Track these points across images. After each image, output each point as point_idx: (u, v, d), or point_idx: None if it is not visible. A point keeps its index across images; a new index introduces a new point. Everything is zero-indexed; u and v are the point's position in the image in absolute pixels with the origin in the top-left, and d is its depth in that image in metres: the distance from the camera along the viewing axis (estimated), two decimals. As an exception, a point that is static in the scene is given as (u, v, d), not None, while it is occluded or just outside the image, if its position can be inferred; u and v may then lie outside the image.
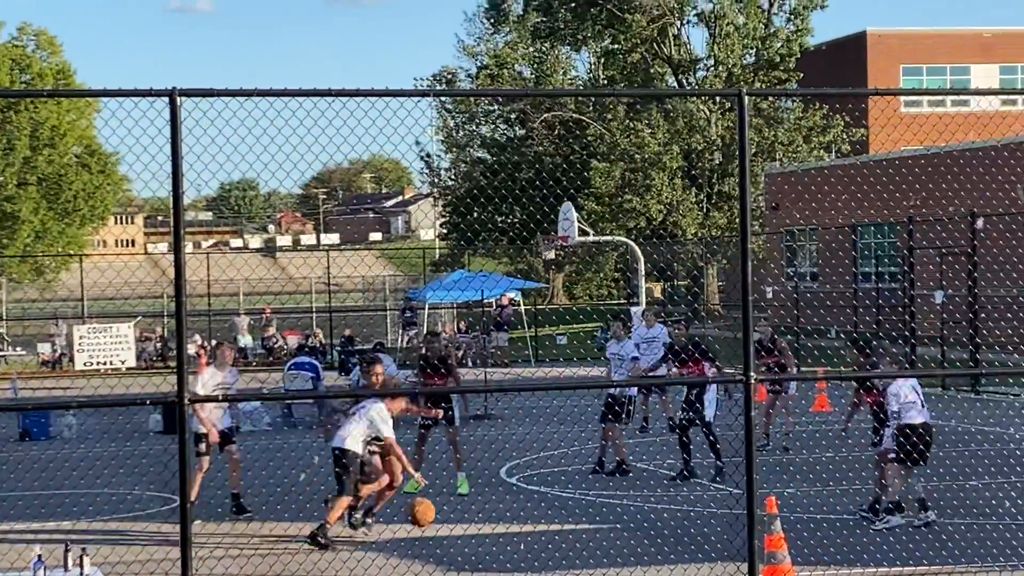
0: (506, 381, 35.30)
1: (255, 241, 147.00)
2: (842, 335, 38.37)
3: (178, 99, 8.90)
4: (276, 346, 46.49)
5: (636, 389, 21.61)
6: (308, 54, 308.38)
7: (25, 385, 35.50)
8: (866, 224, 45.26)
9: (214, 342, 43.55)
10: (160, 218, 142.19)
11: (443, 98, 77.43)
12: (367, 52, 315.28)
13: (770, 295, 45.97)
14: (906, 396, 15.30)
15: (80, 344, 42.88)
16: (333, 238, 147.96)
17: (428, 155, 79.53)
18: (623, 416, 20.10)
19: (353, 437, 15.08)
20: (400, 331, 49.30)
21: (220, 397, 11.66)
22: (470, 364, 42.67)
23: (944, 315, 33.78)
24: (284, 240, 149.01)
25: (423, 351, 20.25)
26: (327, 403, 21.19)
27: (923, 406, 15.46)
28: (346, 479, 14.99)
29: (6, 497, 18.46)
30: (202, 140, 9.40)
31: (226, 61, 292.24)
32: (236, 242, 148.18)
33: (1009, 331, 31.70)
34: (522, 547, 14.56)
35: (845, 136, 61.08)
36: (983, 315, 31.87)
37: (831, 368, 31.62)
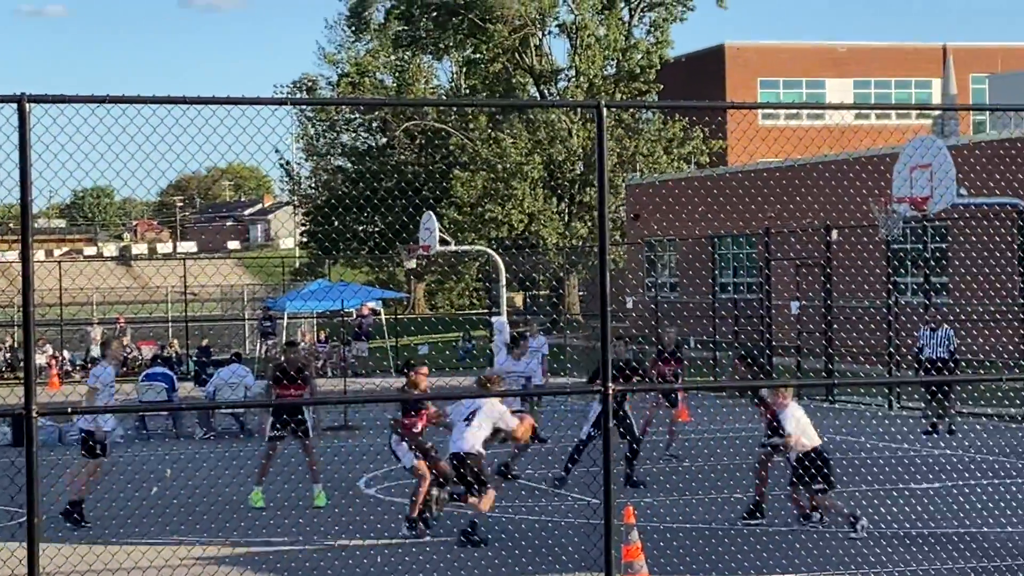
0: (365, 391, 35.07)
1: (109, 249, 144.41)
2: (699, 345, 38.83)
3: (27, 105, 8.70)
4: (130, 356, 45.73)
5: (522, 402, 21.50)
6: (165, 60, 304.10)
7: None
8: (724, 235, 45.90)
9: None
10: (11, 225, 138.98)
11: (303, 106, 76.86)
12: (225, 58, 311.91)
13: (630, 305, 46.35)
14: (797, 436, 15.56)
15: (-77, 355, 41.83)
16: (190, 246, 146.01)
17: (287, 163, 78.88)
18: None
19: (475, 440, 15.61)
20: (258, 341, 48.83)
21: (69, 410, 11.33)
22: (330, 374, 42.39)
23: (799, 325, 34.38)
24: (139, 248, 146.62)
25: (280, 360, 20.04)
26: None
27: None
28: (473, 479, 15.57)
29: None
30: (52, 147, 9.20)
31: (80, 66, 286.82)
32: (90, 250, 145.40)
33: (861, 341, 32.37)
34: (379, 560, 14.46)
35: (704, 148, 61.94)
36: (836, 325, 32.48)
37: (689, 379, 31.94)
